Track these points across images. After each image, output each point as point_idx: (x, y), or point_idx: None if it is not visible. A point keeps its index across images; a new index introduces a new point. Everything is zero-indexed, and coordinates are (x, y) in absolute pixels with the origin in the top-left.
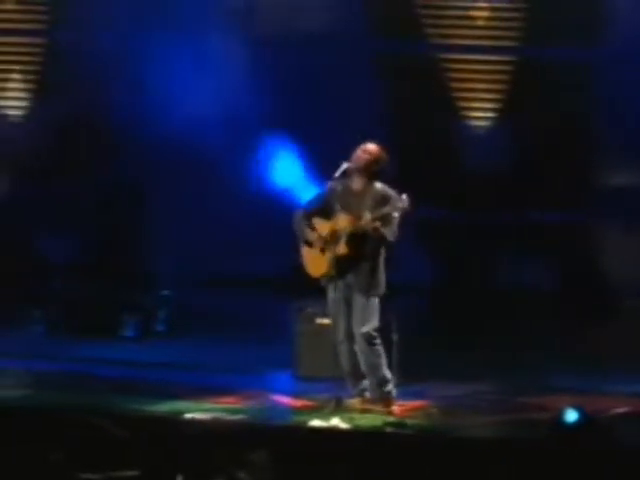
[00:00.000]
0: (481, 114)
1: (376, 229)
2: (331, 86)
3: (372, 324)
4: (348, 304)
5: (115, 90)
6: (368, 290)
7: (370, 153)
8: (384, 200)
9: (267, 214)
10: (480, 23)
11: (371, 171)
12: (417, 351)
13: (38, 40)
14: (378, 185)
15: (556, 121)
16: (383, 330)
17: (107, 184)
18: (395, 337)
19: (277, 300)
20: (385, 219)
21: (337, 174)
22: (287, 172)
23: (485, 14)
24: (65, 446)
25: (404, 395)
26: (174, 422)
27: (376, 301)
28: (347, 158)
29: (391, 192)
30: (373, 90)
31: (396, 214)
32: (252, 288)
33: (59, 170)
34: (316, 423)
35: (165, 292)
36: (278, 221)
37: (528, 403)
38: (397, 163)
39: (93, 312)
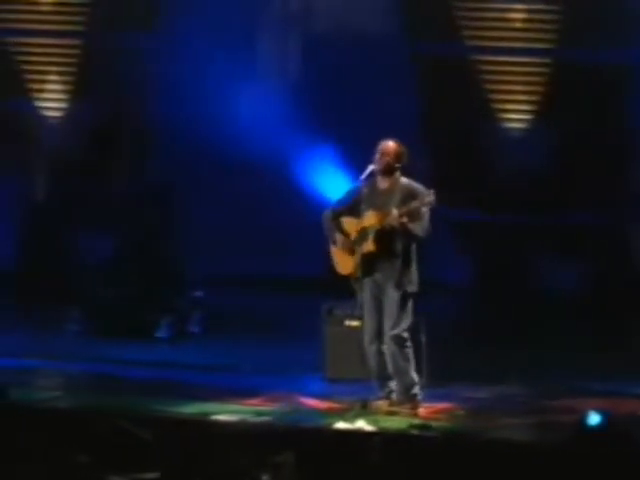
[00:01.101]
0: (517, 116)
1: (403, 224)
2: (368, 87)
3: (403, 325)
4: (378, 304)
5: (153, 91)
6: (401, 286)
7: (389, 153)
8: (411, 195)
9: (301, 214)
10: (517, 25)
11: (394, 169)
12: (447, 353)
13: (76, 42)
14: (404, 180)
15: (593, 122)
16: (411, 331)
17: (143, 185)
18: (423, 339)
19: (311, 301)
20: (413, 214)
21: (363, 177)
22: (324, 172)
23: (522, 16)
24: (90, 448)
25: (431, 397)
26: (199, 424)
27: (410, 301)
28: None
29: (418, 186)
30: (410, 91)
31: (424, 209)
32: (287, 289)
33: (97, 171)
34: (341, 425)
35: (199, 293)
36: (311, 221)
37: (555, 406)
38: (433, 164)
39: (128, 313)
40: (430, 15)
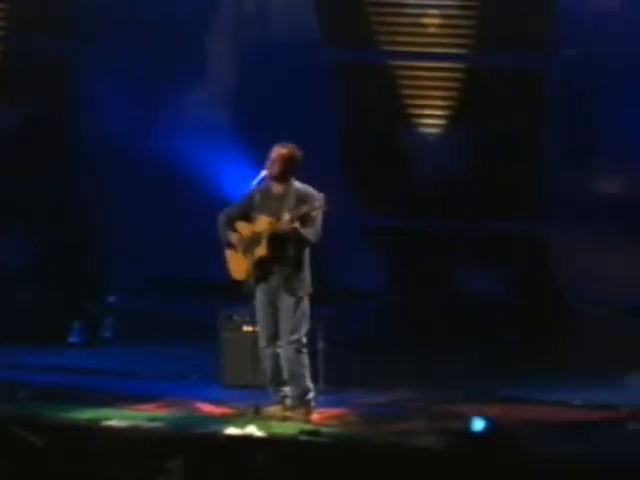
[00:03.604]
0: (433, 121)
1: (295, 229)
2: (284, 96)
3: (301, 331)
4: (274, 309)
5: (70, 98)
6: (295, 291)
7: (283, 158)
8: (304, 199)
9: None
10: (432, 31)
11: (287, 174)
12: (348, 359)
13: None
14: (298, 185)
15: (508, 128)
16: (309, 337)
17: (58, 190)
18: (321, 345)
19: (221, 306)
20: (305, 219)
21: (255, 182)
22: (238, 180)
23: (436, 21)
24: None
25: (327, 403)
26: (91, 429)
27: (306, 305)
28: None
29: (311, 191)
30: (327, 98)
31: (314, 213)
32: (202, 294)
33: (12, 174)
34: (232, 431)
35: (112, 298)
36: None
37: (450, 411)
38: (350, 171)
39: (39, 318)
40: (344, 22)
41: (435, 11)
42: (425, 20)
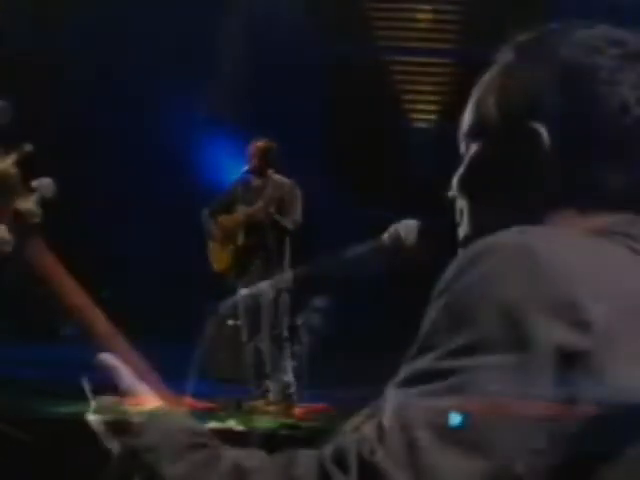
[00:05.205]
0: (427, 116)
1: (269, 216)
2: (278, 89)
3: (283, 324)
4: (255, 301)
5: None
6: (275, 282)
7: (259, 152)
8: (279, 188)
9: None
10: (425, 26)
11: (264, 166)
12: (334, 353)
13: None
14: (275, 176)
15: None
16: (291, 330)
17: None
18: (305, 338)
19: (205, 299)
20: (281, 206)
21: (238, 176)
22: (230, 173)
23: (430, 16)
24: None
25: (310, 397)
26: (74, 424)
27: (287, 298)
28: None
29: (285, 179)
30: (319, 94)
31: (287, 197)
32: (191, 287)
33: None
34: (212, 425)
35: (105, 292)
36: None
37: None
38: (342, 165)
39: (31, 312)
40: (339, 16)
41: (428, 6)
42: (418, 15)
